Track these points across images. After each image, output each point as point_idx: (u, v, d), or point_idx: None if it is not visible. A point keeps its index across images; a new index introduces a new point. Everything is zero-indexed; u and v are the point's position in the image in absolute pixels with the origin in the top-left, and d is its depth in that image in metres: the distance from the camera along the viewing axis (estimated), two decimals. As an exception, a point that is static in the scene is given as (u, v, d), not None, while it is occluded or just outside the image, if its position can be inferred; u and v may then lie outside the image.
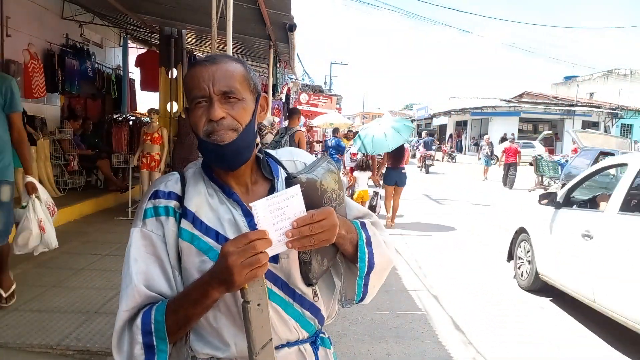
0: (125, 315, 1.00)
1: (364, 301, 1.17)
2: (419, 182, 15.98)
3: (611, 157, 9.43)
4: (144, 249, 1.04)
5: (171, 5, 7.02)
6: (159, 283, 1.02)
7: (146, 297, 1.01)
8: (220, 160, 1.06)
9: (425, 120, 43.54)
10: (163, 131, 7.15)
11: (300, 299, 1.10)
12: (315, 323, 1.14)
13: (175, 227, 1.05)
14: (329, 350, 1.20)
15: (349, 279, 1.16)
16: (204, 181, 1.11)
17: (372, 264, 1.11)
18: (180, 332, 1.01)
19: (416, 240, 7.40)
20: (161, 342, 0.97)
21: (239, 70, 1.08)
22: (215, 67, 1.05)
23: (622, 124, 30.94)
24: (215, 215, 1.06)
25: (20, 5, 7.37)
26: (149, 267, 1.03)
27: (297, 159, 1.22)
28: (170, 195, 1.08)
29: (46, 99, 8.04)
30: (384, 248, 1.15)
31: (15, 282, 3.89)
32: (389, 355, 3.55)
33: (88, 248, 5.49)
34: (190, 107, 1.07)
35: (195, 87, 1.04)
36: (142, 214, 1.07)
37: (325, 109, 19.15)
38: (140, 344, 0.97)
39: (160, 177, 1.17)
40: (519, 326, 4.26)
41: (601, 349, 3.89)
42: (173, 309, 0.98)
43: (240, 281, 0.89)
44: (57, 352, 3.11)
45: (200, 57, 1.23)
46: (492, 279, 5.63)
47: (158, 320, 0.97)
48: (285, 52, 9.70)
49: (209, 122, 1.04)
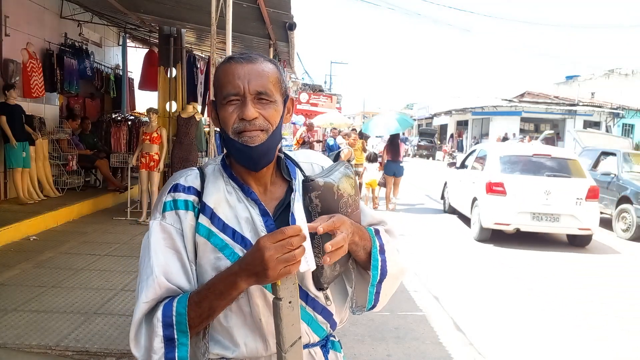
0: (144, 307, 0.99)
1: (375, 309, 1.15)
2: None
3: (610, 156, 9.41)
4: (164, 242, 1.03)
5: (170, 5, 7.00)
6: (178, 277, 1.01)
7: (166, 290, 0.99)
8: (247, 161, 1.06)
9: (426, 119, 43.48)
10: (162, 131, 7.12)
11: (313, 302, 1.10)
12: (327, 328, 1.14)
13: (193, 221, 1.05)
14: (339, 354, 1.19)
15: (361, 285, 1.14)
16: (223, 178, 1.10)
17: (384, 272, 1.09)
18: (201, 325, 0.99)
19: (416, 241, 7.38)
20: (182, 335, 0.96)
21: (273, 71, 1.07)
22: (251, 66, 1.04)
23: (624, 124, 30.87)
24: (233, 213, 1.06)
25: (19, 4, 7.35)
26: (168, 260, 1.02)
27: (314, 161, 1.21)
28: (189, 190, 1.07)
29: (45, 98, 8.02)
30: (397, 256, 1.13)
31: (15, 282, 3.87)
32: (389, 356, 3.53)
33: (87, 248, 5.47)
34: (219, 103, 1.06)
35: (229, 83, 1.03)
36: (162, 206, 1.06)
37: (325, 108, 19.16)
38: (161, 336, 0.96)
39: (180, 171, 1.16)
40: (519, 327, 4.24)
41: (601, 349, 3.86)
42: (196, 301, 0.97)
43: (274, 276, 0.89)
44: (56, 353, 3.09)
45: (234, 54, 1.20)
46: (493, 280, 5.61)
47: (180, 312, 0.96)
48: (285, 52, 9.68)
49: (239, 121, 1.03)
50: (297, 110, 19.87)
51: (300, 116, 19.76)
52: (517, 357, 3.69)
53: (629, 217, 8.14)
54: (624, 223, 8.26)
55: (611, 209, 8.70)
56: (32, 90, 7.33)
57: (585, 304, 4.90)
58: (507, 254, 6.88)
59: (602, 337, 4.10)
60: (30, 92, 7.32)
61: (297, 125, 18.67)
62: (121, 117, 9.56)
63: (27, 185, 6.83)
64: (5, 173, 6.98)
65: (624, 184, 8.50)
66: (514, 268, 6.13)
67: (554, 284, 5.51)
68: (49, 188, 7.45)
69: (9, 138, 6.36)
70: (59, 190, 7.63)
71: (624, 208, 8.28)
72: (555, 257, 6.82)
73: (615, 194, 8.65)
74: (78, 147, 8.25)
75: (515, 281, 5.56)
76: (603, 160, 9.67)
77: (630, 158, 9.25)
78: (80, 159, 8.15)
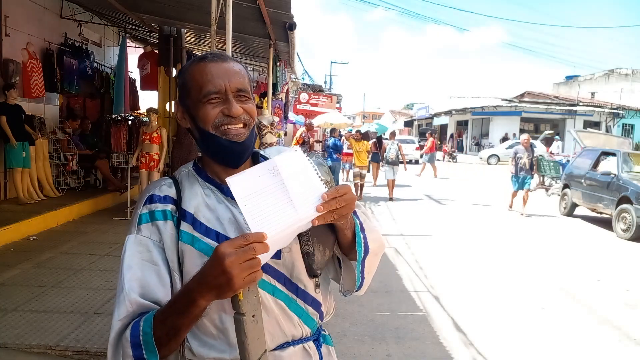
0: (118, 325, 0.97)
1: (360, 290, 1.18)
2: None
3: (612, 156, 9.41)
4: (139, 255, 1.01)
5: (170, 4, 7.00)
6: (156, 290, 0.99)
7: (139, 306, 0.97)
8: (230, 156, 1.07)
9: (426, 119, 43.46)
10: (162, 131, 7.12)
11: (303, 294, 1.11)
12: (316, 319, 1.15)
13: (174, 230, 1.03)
14: (331, 347, 1.21)
15: (347, 269, 1.19)
16: (199, 182, 1.10)
17: (367, 249, 1.12)
18: (171, 344, 0.95)
19: (417, 241, 7.38)
20: (152, 355, 0.92)
21: (245, 70, 1.11)
22: (227, 65, 1.07)
23: (624, 124, 30.88)
24: (214, 215, 1.05)
25: (19, 4, 7.35)
26: (145, 273, 0.99)
27: None
28: (166, 199, 1.06)
29: (45, 98, 8.02)
30: (377, 234, 1.17)
31: (15, 282, 3.87)
32: (389, 356, 3.53)
33: (86, 248, 5.47)
34: (196, 102, 1.06)
35: (209, 82, 1.04)
36: (137, 219, 1.05)
37: (325, 109, 19.14)
38: (131, 357, 0.93)
39: (152, 182, 1.15)
40: (520, 327, 4.23)
41: (601, 350, 3.86)
42: (161, 320, 0.93)
43: (240, 285, 0.83)
44: (55, 353, 3.10)
45: (199, 55, 1.20)
46: (493, 280, 5.60)
47: (146, 332, 0.92)
48: (285, 52, 9.69)
49: (223, 116, 1.05)
50: (297, 110, 19.87)
51: (300, 116, 19.76)
52: (518, 357, 3.69)
53: (629, 217, 8.13)
54: (624, 223, 8.26)
55: (611, 209, 8.69)
56: (32, 90, 7.33)
57: (586, 304, 4.90)
58: (504, 254, 6.88)
59: (603, 337, 4.10)
60: (30, 92, 7.32)
61: (297, 125, 18.68)
62: (121, 117, 9.55)
63: (27, 185, 6.83)
64: (5, 173, 6.98)
65: (624, 184, 8.49)
66: (515, 267, 6.13)
67: (554, 284, 5.51)
68: (49, 188, 7.45)
69: (9, 138, 6.36)
70: (59, 190, 7.63)
71: (624, 208, 8.27)
72: (555, 257, 6.82)
73: (615, 194, 8.64)
74: (78, 147, 8.25)
75: (516, 281, 5.56)
76: (603, 160, 9.66)
77: (630, 158, 9.25)
78: (80, 159, 8.15)
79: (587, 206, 9.80)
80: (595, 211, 9.60)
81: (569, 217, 10.31)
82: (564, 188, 10.79)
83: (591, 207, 9.64)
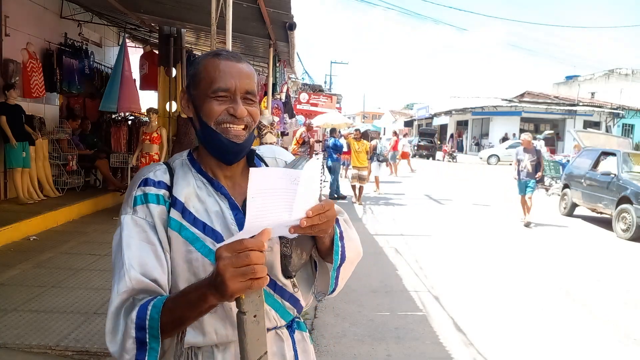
0: (117, 299, 0.99)
1: (333, 294, 1.20)
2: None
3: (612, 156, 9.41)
4: (137, 236, 1.03)
5: (170, 4, 7.00)
6: (154, 269, 1.02)
7: (138, 282, 0.99)
8: (227, 155, 1.09)
9: (426, 119, 43.46)
10: (162, 131, 7.12)
11: (281, 290, 1.13)
12: (293, 312, 1.17)
13: (165, 215, 1.06)
14: (305, 333, 1.23)
15: (320, 273, 1.20)
16: (192, 173, 1.13)
17: (344, 257, 1.13)
18: (174, 331, 0.99)
19: (416, 241, 7.38)
20: (153, 340, 0.95)
21: (255, 73, 1.13)
22: (241, 66, 1.09)
23: (624, 124, 30.87)
24: (203, 207, 1.08)
25: (19, 4, 7.34)
26: (143, 253, 1.02)
27: (278, 156, 1.27)
28: (160, 184, 1.09)
29: (45, 98, 8.01)
30: (355, 243, 1.18)
31: (15, 282, 3.87)
32: (389, 356, 3.53)
33: (87, 248, 5.47)
34: (204, 95, 1.07)
35: (220, 79, 1.06)
36: (132, 200, 1.07)
37: (325, 109, 19.14)
38: (133, 338, 0.95)
39: (147, 166, 1.17)
40: (519, 326, 4.23)
41: (601, 349, 3.86)
42: (170, 308, 0.95)
43: (233, 289, 0.83)
44: (55, 353, 3.09)
45: (219, 49, 1.17)
46: (493, 280, 5.60)
47: (153, 317, 0.95)
48: (285, 51, 9.69)
49: (228, 115, 1.07)
50: (297, 110, 19.85)
51: (300, 116, 19.75)
52: (518, 356, 3.69)
53: (629, 217, 8.13)
54: (624, 223, 8.26)
55: (611, 209, 8.69)
56: (32, 90, 7.32)
57: (586, 304, 4.90)
58: (505, 254, 6.88)
59: (604, 337, 4.10)
60: (30, 92, 7.31)
61: (298, 124, 18.66)
62: (121, 117, 9.55)
63: (27, 185, 6.83)
64: (5, 173, 6.98)
65: (624, 184, 8.49)
66: (514, 268, 6.13)
67: (554, 284, 5.51)
68: (49, 188, 7.45)
69: (9, 138, 6.36)
70: (59, 190, 7.62)
71: (624, 208, 8.27)
72: (555, 257, 6.83)
73: (615, 194, 8.64)
74: (78, 147, 8.24)
75: (516, 281, 5.56)
76: (603, 160, 9.66)
77: (630, 158, 9.25)
78: (80, 159, 8.14)
79: (587, 206, 9.80)
80: (595, 211, 9.60)
81: (569, 217, 10.32)
82: (564, 188, 10.80)
83: (591, 207, 9.65)
